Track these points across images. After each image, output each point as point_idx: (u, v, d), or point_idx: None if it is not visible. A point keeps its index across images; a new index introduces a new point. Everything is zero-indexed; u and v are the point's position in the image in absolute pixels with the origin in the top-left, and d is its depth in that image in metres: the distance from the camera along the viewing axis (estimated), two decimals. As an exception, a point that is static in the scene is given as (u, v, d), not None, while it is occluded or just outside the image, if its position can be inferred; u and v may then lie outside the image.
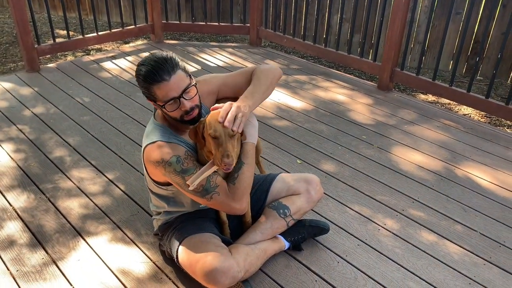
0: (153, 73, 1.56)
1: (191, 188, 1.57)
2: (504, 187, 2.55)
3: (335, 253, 2.02)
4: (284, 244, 1.96)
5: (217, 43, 4.87)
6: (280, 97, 3.58)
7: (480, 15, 4.26)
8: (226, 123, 1.52)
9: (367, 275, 1.91)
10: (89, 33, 4.32)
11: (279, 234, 1.95)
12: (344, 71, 4.45)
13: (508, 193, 2.49)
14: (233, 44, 4.84)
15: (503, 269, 1.98)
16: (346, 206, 2.34)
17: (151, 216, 2.18)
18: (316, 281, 1.88)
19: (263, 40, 4.90)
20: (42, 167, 2.58)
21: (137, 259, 1.96)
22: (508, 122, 3.65)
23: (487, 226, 2.24)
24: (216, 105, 1.62)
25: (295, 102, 3.51)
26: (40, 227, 2.13)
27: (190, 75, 1.64)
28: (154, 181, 1.77)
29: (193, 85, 1.63)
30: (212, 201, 1.62)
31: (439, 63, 3.50)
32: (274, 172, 2.13)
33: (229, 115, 1.54)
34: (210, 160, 1.58)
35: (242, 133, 1.62)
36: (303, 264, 1.96)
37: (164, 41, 4.78)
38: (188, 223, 1.83)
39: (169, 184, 1.74)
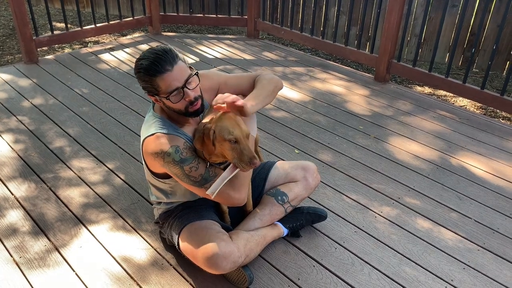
0: (155, 64, 1.55)
1: (213, 197, 1.57)
2: (499, 176, 2.60)
3: (332, 240, 2.06)
4: (283, 230, 2.00)
5: (215, 35, 4.88)
6: (278, 88, 3.61)
7: (476, 8, 4.30)
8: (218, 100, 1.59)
9: (364, 260, 1.96)
10: (87, 26, 4.32)
11: (278, 221, 1.99)
12: (341, 63, 4.48)
13: (502, 182, 2.54)
14: (230, 36, 4.85)
15: (496, 255, 2.03)
16: (344, 194, 2.38)
17: (151, 205, 2.21)
18: (314, 266, 1.92)
19: (260, 32, 4.91)
20: (43, 157, 2.60)
21: (138, 246, 2.00)
22: (503, 113, 3.69)
23: (482, 214, 2.28)
24: (217, 97, 1.63)
25: (293, 94, 3.54)
26: (41, 215, 2.16)
27: (190, 66, 1.65)
28: (152, 173, 1.79)
29: (194, 74, 1.64)
30: None
31: (435, 55, 3.53)
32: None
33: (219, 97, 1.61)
34: (230, 165, 1.58)
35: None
36: (302, 250, 2.00)
37: (162, 33, 4.79)
38: (188, 210, 1.86)
39: (167, 176, 1.76)
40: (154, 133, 1.64)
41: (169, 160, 1.60)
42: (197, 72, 1.66)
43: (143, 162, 1.79)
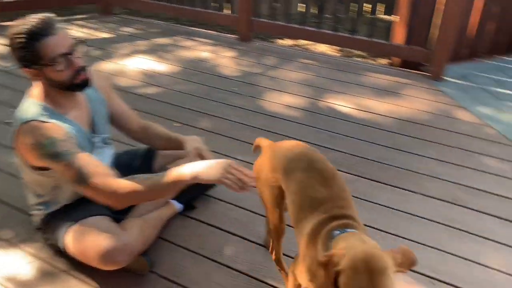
0: (38, 28, 1.45)
1: None
2: (362, 109, 2.87)
3: (227, 202, 2.10)
4: (177, 206, 1.97)
5: (65, 18, 4.45)
6: (144, 63, 3.46)
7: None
8: None
9: (258, 214, 2.03)
10: None
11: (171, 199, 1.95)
12: (206, 28, 4.44)
13: (365, 114, 2.82)
14: (82, 16, 4.47)
15: (372, 180, 2.26)
16: (230, 157, 2.42)
17: (28, 213, 2.01)
18: (213, 232, 1.94)
19: (116, 8, 4.60)
20: None
21: (21, 261, 1.81)
22: (356, 51, 4.04)
23: (353, 146, 2.51)
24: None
25: (161, 66, 3.43)
26: None
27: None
28: (32, 168, 1.60)
29: (80, 42, 1.56)
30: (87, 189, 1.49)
31: (290, 6, 3.69)
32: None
33: None
34: None
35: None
36: (199, 220, 2.01)
37: None
38: (72, 210, 1.72)
39: (47, 168, 1.58)
40: (30, 121, 1.48)
41: (43, 153, 1.47)
42: (83, 40, 1.60)
43: (17, 156, 1.60)
